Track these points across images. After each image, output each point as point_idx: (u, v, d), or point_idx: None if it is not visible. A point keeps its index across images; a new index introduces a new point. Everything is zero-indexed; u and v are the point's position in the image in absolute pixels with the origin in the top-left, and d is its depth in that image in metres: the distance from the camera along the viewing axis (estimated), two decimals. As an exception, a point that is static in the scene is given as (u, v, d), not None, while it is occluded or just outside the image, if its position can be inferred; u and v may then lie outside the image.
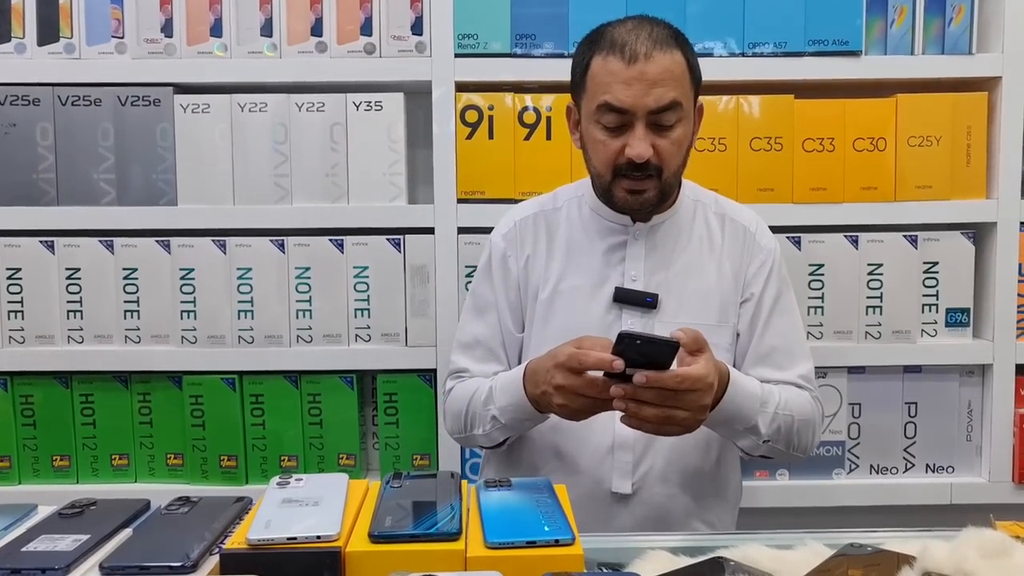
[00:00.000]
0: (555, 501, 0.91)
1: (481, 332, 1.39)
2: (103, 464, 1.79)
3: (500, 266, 1.39)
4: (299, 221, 1.73)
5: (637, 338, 1.05)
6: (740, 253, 1.36)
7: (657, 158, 1.24)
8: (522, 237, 1.39)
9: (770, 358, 1.33)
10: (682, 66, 1.24)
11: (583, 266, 1.34)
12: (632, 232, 1.34)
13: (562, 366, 1.13)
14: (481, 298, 1.40)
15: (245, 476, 1.78)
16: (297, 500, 0.88)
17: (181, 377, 1.76)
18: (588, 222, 1.37)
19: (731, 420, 1.21)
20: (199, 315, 1.74)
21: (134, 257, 1.74)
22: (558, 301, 1.34)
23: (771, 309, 1.34)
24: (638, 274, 1.33)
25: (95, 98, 1.72)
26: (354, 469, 1.77)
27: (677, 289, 1.32)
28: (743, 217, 1.39)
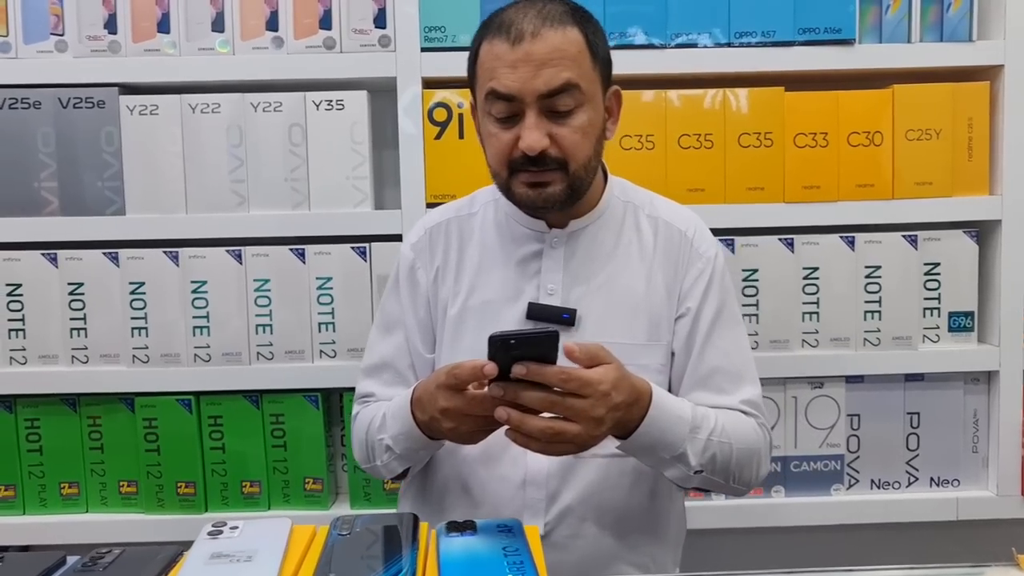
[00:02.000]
0: (524, 547, 0.80)
1: (388, 353, 1.25)
2: (51, 493, 1.66)
3: (408, 279, 1.25)
4: (257, 229, 1.61)
5: (510, 338, 0.92)
6: (675, 261, 1.20)
7: (557, 149, 1.09)
8: (432, 247, 1.25)
9: (711, 381, 1.17)
10: (578, 44, 1.09)
11: (495, 278, 1.20)
12: (549, 240, 1.19)
13: (443, 386, 1.01)
14: (388, 315, 1.26)
15: (204, 503, 1.66)
16: (228, 555, 0.77)
17: (133, 399, 1.64)
18: (503, 229, 1.22)
19: (654, 446, 1.05)
20: (151, 332, 1.62)
21: (80, 271, 1.62)
22: (468, 318, 1.19)
23: (711, 325, 1.18)
24: (555, 287, 1.18)
25: (34, 100, 1.59)
26: (321, 494, 1.66)
27: (599, 304, 1.18)
28: (680, 220, 1.23)
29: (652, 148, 1.61)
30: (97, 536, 1.64)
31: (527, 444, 0.97)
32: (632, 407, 1.01)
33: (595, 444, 1.01)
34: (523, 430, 0.96)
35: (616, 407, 0.98)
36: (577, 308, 1.16)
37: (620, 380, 0.99)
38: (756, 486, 1.18)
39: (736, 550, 1.66)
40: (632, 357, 1.11)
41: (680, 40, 1.60)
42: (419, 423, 1.09)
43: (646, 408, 1.03)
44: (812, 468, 1.68)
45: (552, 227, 1.19)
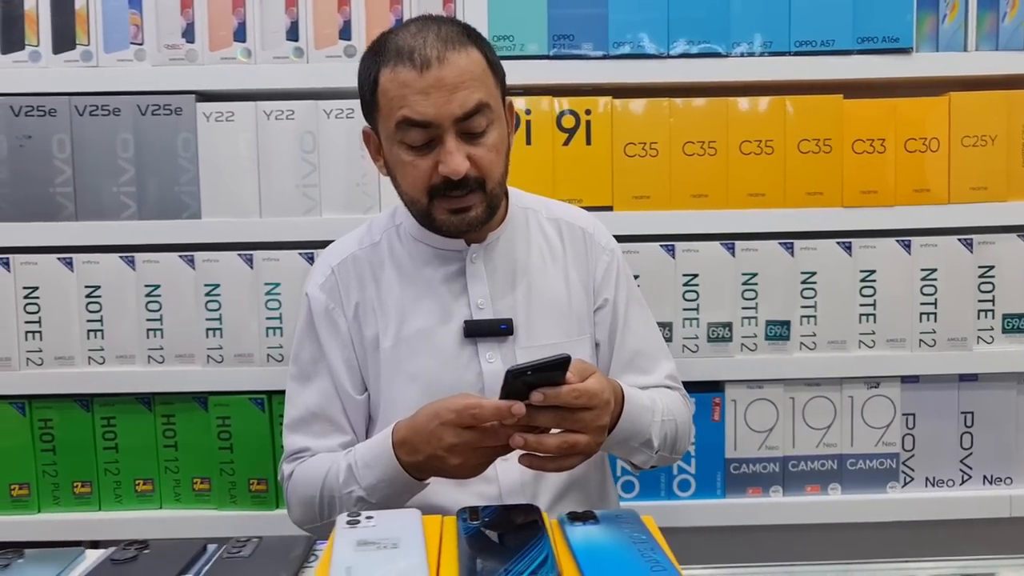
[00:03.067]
0: (650, 537, 0.84)
1: (314, 402, 1.22)
2: (126, 490, 1.70)
3: (325, 322, 1.22)
4: (329, 233, 1.63)
5: (526, 370, 0.95)
6: (584, 258, 1.27)
7: (476, 169, 1.12)
8: (345, 284, 1.23)
9: (635, 362, 1.26)
10: (481, 64, 1.12)
11: (423, 305, 1.21)
12: (469, 255, 1.21)
13: (451, 424, 1.01)
14: (307, 363, 1.23)
15: (276, 500, 1.70)
16: (374, 542, 0.81)
17: (207, 398, 1.68)
18: (415, 254, 1.23)
19: (629, 438, 1.13)
20: (225, 332, 1.66)
21: (156, 273, 1.66)
22: (404, 349, 1.20)
23: (626, 311, 1.28)
24: (484, 301, 1.21)
25: (114, 107, 1.64)
26: (389, 491, 1.70)
27: (529, 309, 1.22)
28: (578, 219, 1.30)
29: (715, 154, 1.65)
30: (172, 531, 1.68)
31: (542, 466, 1.01)
32: (615, 407, 1.08)
33: (598, 450, 1.06)
34: (541, 450, 1.00)
35: (611, 411, 1.05)
36: (511, 318, 1.20)
37: (608, 384, 1.05)
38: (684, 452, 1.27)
39: (794, 545, 1.70)
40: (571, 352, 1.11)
41: (740, 49, 1.64)
42: (406, 465, 1.07)
43: (621, 405, 1.10)
44: (868, 466, 1.71)
45: (470, 243, 1.22)
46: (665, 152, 1.64)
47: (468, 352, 1.20)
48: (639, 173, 1.64)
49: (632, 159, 1.65)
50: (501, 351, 1.20)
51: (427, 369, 1.19)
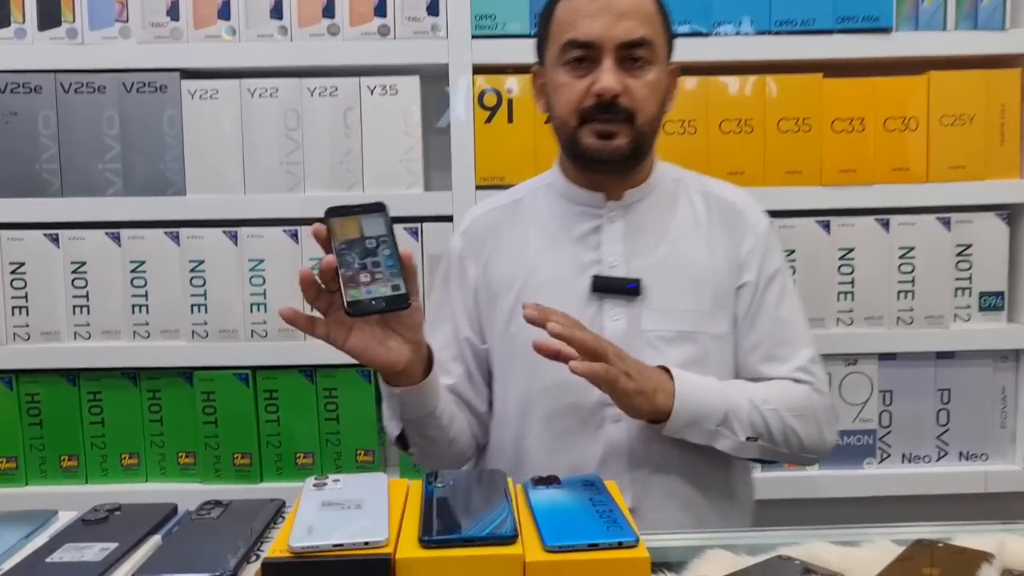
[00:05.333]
0: (610, 499, 0.86)
1: (433, 344, 1.18)
2: (112, 464, 1.73)
3: (456, 269, 1.27)
4: (313, 210, 1.67)
5: (345, 208, 0.95)
6: (730, 233, 1.24)
7: (629, 99, 1.14)
8: (481, 236, 1.27)
9: (767, 350, 1.21)
10: (654, 8, 1.17)
11: (554, 258, 1.22)
12: (607, 214, 1.22)
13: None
14: (436, 309, 1.29)
15: (260, 474, 1.72)
16: (338, 503, 0.83)
17: (192, 373, 1.70)
18: (556, 209, 1.25)
19: (697, 419, 1.12)
20: (210, 308, 1.68)
21: (141, 249, 1.68)
22: (528, 299, 1.18)
23: (768, 294, 1.23)
24: (617, 259, 1.20)
25: (99, 85, 1.65)
26: (372, 465, 1.72)
27: (663, 274, 1.20)
28: (729, 194, 1.27)
29: (695, 133, 1.66)
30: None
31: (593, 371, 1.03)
32: (657, 393, 1.09)
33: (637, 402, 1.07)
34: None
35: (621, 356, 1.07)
36: (641, 279, 1.20)
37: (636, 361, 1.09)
38: (825, 452, 1.21)
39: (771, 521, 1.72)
40: (701, 325, 1.18)
41: (722, 28, 1.65)
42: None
43: (671, 389, 1.10)
44: (845, 443, 1.74)
45: (608, 199, 1.22)
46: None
47: (593, 308, 1.19)
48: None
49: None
50: (627, 312, 1.19)
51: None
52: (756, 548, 0.91)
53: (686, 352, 1.19)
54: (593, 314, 1.19)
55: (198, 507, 0.90)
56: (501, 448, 1.26)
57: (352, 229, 0.94)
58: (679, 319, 1.19)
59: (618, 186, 1.22)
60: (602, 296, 1.19)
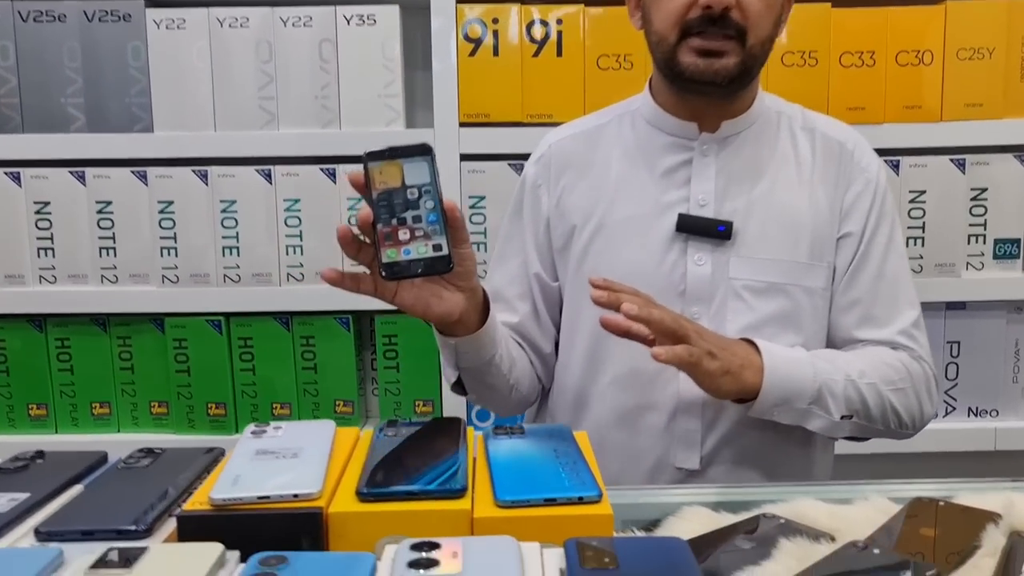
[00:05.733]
0: (576, 451, 0.78)
1: (499, 281, 1.18)
2: (83, 413, 1.66)
3: (530, 198, 1.17)
4: (287, 148, 1.58)
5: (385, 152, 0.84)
6: (836, 177, 1.10)
7: (741, 13, 1.00)
8: (558, 163, 1.15)
9: (866, 309, 1.09)
10: None
11: (637, 192, 1.10)
12: (699, 147, 1.09)
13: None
14: (504, 241, 1.20)
15: (235, 424, 1.65)
16: (273, 452, 0.75)
17: (163, 319, 1.63)
18: (644, 138, 1.12)
19: (788, 398, 1.00)
20: (181, 252, 1.60)
21: (108, 189, 1.59)
22: (605, 237, 1.10)
23: (872, 246, 1.09)
24: (707, 198, 1.08)
25: (59, 14, 1.55)
26: (352, 416, 1.65)
27: (758, 217, 1.08)
28: (839, 133, 1.13)
29: (692, 66, 1.55)
30: (129, 455, 1.65)
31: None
32: (744, 370, 0.98)
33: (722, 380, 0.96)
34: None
35: (702, 334, 0.96)
36: (732, 221, 1.07)
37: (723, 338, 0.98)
38: (923, 426, 1.10)
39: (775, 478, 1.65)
40: (795, 276, 1.07)
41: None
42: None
43: (759, 365, 0.99)
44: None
45: (703, 131, 1.09)
46: (640, 65, 1.55)
47: (677, 250, 1.08)
48: (615, 85, 1.55)
49: (606, 71, 1.56)
50: (714, 257, 1.07)
51: (628, 260, 1.09)
52: (738, 506, 0.84)
53: (775, 306, 1.07)
54: (675, 257, 1.08)
55: (129, 455, 0.82)
56: (563, 393, 1.17)
57: (392, 176, 0.83)
58: (771, 269, 1.07)
59: (715, 116, 1.09)
60: (687, 237, 1.08)
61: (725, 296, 1.08)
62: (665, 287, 1.07)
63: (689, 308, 1.08)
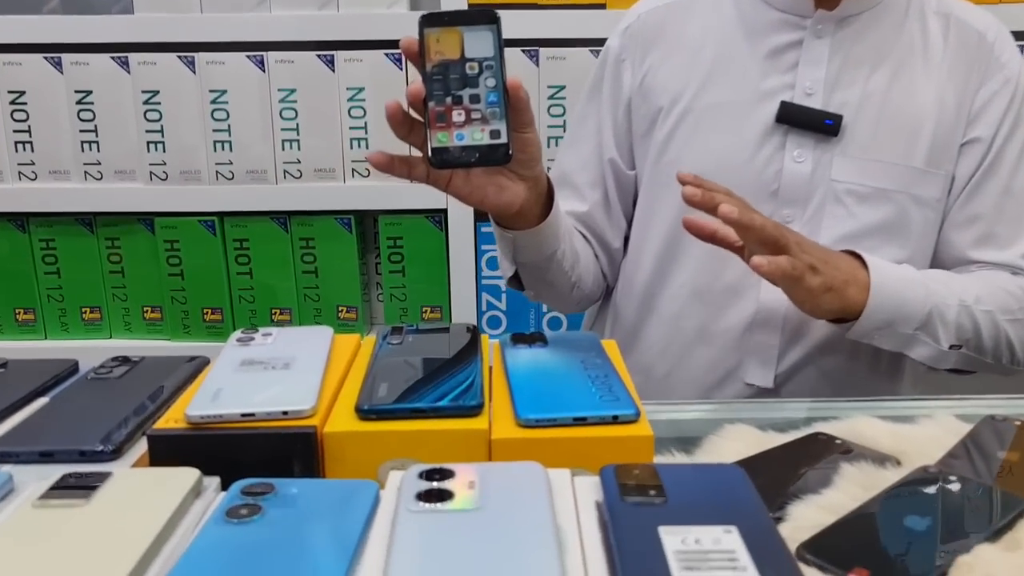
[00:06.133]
0: (607, 363, 0.69)
1: (568, 165, 1.06)
2: (73, 319, 1.58)
3: (611, 73, 1.03)
4: (280, 32, 1.44)
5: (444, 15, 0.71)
6: (968, 72, 0.96)
7: None
8: (646, 35, 1.01)
9: (986, 227, 0.96)
10: None
11: (734, 74, 0.97)
12: (812, 26, 0.95)
13: None
14: (578, 122, 1.07)
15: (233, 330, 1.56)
16: (261, 361, 0.66)
17: (153, 220, 1.52)
18: (747, 12, 0.98)
19: (892, 321, 0.88)
20: (168, 147, 1.49)
21: (87, 77, 1.47)
22: (692, 123, 0.98)
23: (1003, 155, 0.96)
24: (815, 86, 0.95)
25: None
26: (355, 323, 1.56)
27: (871, 112, 0.95)
28: (978, 20, 0.98)
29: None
30: (122, 363, 1.57)
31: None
32: (848, 287, 0.86)
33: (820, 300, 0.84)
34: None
35: (803, 246, 0.83)
36: (842, 115, 0.94)
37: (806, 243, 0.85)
38: None
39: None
40: (907, 184, 0.95)
41: None
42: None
43: (865, 281, 0.87)
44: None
45: (818, 7, 0.95)
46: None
47: (774, 143, 0.96)
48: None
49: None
50: (816, 154, 0.95)
51: (716, 151, 0.97)
52: (788, 424, 0.75)
53: (881, 214, 0.95)
54: (771, 152, 0.96)
55: (102, 364, 0.73)
56: (629, 293, 1.06)
57: (450, 46, 0.71)
58: (880, 172, 0.94)
59: None
60: (787, 130, 0.95)
61: (823, 200, 0.95)
62: (755, 185, 0.95)
63: (780, 211, 0.96)
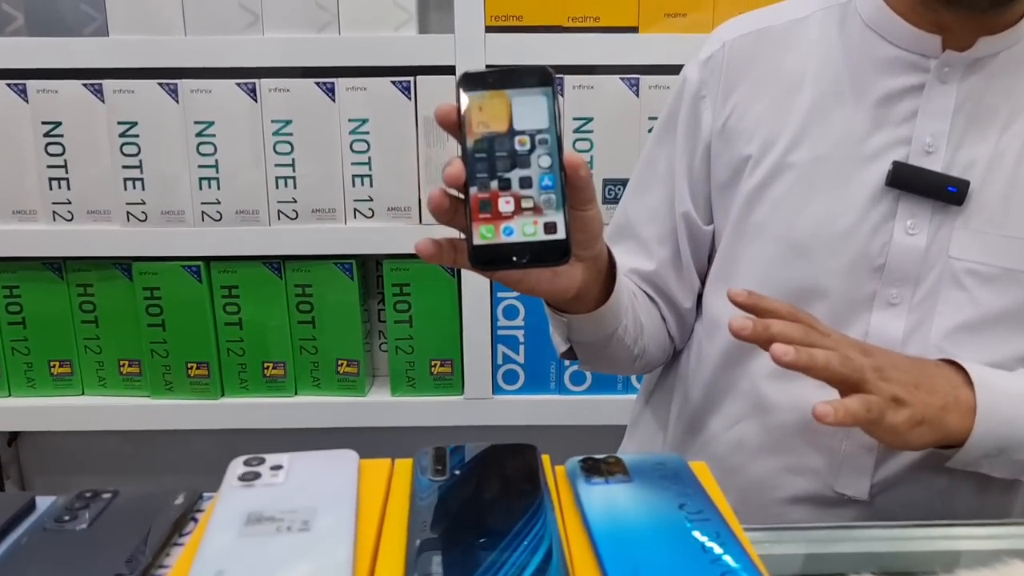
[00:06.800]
0: (708, 504, 0.54)
1: (635, 216, 0.92)
2: (40, 373, 1.42)
3: (688, 111, 0.88)
4: (274, 57, 1.29)
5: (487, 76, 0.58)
6: None
7: None
8: (733, 68, 0.86)
9: None
10: None
11: (837, 123, 0.81)
12: (937, 69, 0.79)
13: None
14: (647, 165, 0.92)
15: (220, 387, 1.41)
16: (272, 518, 0.51)
17: (130, 265, 1.37)
18: (857, 47, 0.82)
19: (1004, 448, 0.72)
20: (148, 184, 1.33)
21: (56, 107, 1.31)
22: (787, 180, 0.82)
23: None
24: (937, 143, 0.79)
25: None
26: (357, 377, 1.41)
27: (1005, 176, 0.79)
28: None
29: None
30: (96, 422, 1.42)
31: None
32: (948, 414, 0.70)
33: (905, 431, 0.68)
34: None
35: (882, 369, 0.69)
36: (968, 180, 0.78)
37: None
38: None
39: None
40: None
41: None
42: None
43: (971, 403, 0.71)
44: None
45: (947, 48, 0.79)
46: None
47: (883, 210, 0.80)
48: (674, -18, 1.27)
49: (665, -37, 1.27)
50: (933, 225, 0.79)
51: (814, 217, 0.81)
52: (916, 560, 0.60)
53: (1008, 300, 0.79)
54: (879, 220, 0.80)
55: (65, 502, 0.58)
56: (702, 363, 0.90)
57: (496, 115, 0.57)
58: (1011, 250, 0.79)
59: (969, 28, 0.78)
60: (899, 195, 0.79)
61: (939, 280, 0.80)
62: (858, 258, 0.80)
63: (886, 290, 0.80)
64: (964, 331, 0.79)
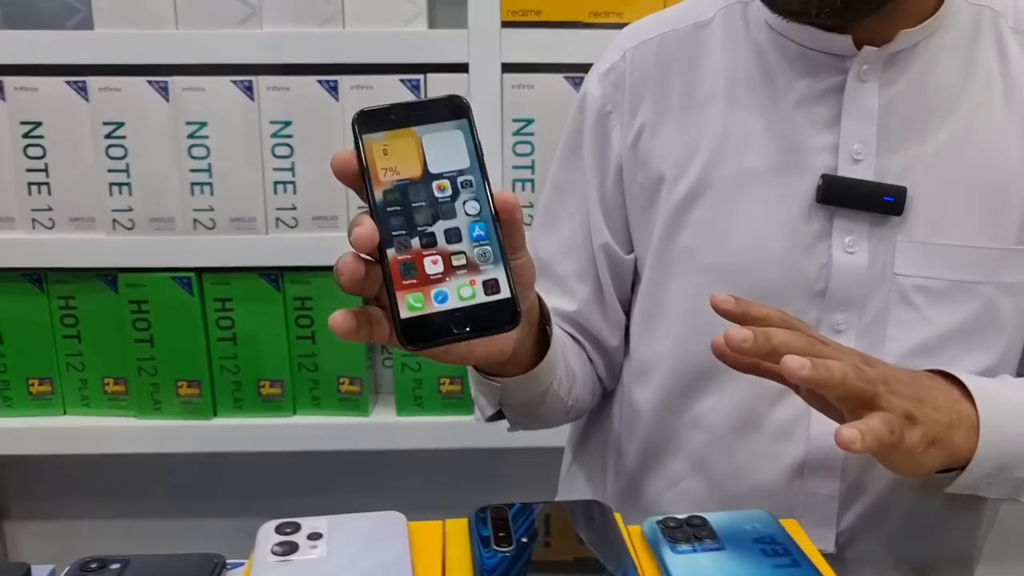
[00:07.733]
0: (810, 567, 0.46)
1: (547, 253, 0.84)
2: (18, 391, 1.32)
3: (593, 132, 0.80)
4: (273, 53, 1.21)
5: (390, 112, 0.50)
6: None
7: None
8: (635, 80, 0.78)
9: None
10: None
11: (756, 134, 0.74)
12: (857, 67, 0.72)
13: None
14: (554, 193, 0.84)
15: (212, 407, 1.32)
16: (317, 606, 0.43)
17: (116, 276, 1.27)
18: (766, 51, 0.75)
19: (1009, 465, 0.65)
20: (136, 190, 1.24)
21: (35, 105, 1.22)
22: (709, 200, 0.75)
23: None
24: (866, 149, 0.72)
25: None
26: (360, 397, 1.33)
27: (942, 178, 0.72)
28: None
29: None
30: (79, 445, 1.33)
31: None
32: (954, 431, 0.62)
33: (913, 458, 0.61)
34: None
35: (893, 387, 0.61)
36: (905, 186, 0.71)
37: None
38: None
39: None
40: (994, 270, 0.72)
41: None
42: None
43: (972, 420, 0.64)
44: None
45: (861, 45, 0.72)
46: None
47: (817, 228, 0.73)
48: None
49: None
50: (872, 240, 0.72)
51: (744, 238, 0.74)
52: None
53: (962, 314, 0.73)
54: (814, 237, 0.73)
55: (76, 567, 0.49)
56: (636, 415, 0.82)
57: (406, 158, 0.49)
58: (959, 259, 0.72)
59: (879, 26, 0.70)
60: (833, 211, 0.72)
61: (887, 301, 0.73)
62: (795, 283, 0.73)
63: (830, 316, 0.73)
64: (919, 354, 0.72)
